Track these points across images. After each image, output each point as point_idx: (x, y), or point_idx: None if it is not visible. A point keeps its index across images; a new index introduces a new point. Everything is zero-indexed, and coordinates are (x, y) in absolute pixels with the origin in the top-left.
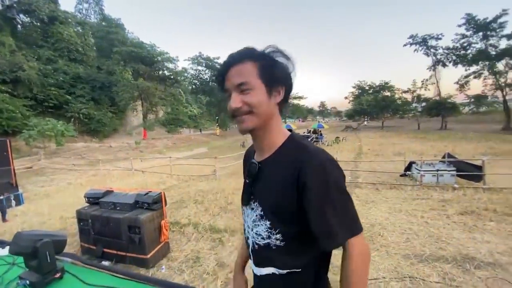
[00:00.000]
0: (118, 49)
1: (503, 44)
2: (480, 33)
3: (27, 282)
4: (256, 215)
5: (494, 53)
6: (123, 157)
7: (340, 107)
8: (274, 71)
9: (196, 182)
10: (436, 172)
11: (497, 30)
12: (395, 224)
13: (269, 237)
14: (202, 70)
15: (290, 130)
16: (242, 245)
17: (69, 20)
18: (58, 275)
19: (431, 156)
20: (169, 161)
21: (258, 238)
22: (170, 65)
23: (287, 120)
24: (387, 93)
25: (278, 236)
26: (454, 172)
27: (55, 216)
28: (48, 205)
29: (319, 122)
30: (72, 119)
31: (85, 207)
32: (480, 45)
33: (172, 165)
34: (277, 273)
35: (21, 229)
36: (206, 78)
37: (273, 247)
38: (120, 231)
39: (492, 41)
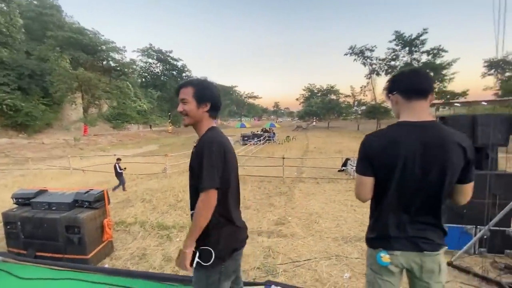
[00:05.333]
0: (53, 33)
1: (424, 58)
2: (407, 48)
3: None
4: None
5: (417, 66)
6: (59, 155)
7: (292, 107)
8: (203, 93)
9: (144, 180)
10: None
11: (419, 46)
12: (329, 213)
13: (189, 186)
14: (153, 63)
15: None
16: None
17: None
18: None
19: None
20: (114, 159)
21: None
22: (117, 56)
23: (242, 119)
24: (333, 97)
25: (191, 186)
26: None
27: None
28: None
29: (271, 122)
30: None
31: (13, 209)
32: (406, 58)
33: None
34: (192, 212)
35: None
36: (158, 72)
37: (191, 194)
38: (56, 232)
39: (415, 55)
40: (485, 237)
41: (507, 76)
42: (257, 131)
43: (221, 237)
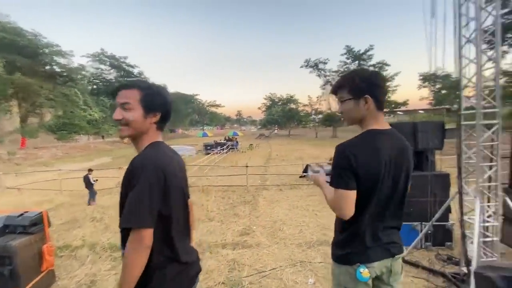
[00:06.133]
0: None
1: None
2: (356, 62)
3: None
4: None
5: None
6: None
7: (255, 116)
8: (154, 99)
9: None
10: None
11: (367, 60)
12: (292, 219)
13: (119, 216)
14: (106, 69)
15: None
16: None
17: None
18: None
19: (325, 159)
20: (58, 174)
21: None
22: (62, 60)
23: (204, 128)
24: (293, 106)
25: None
26: None
27: None
28: None
29: (234, 131)
30: None
31: None
32: None
33: (62, 180)
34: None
35: None
36: (111, 79)
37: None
38: None
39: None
40: (429, 232)
41: (438, 88)
42: (220, 140)
43: (166, 279)
